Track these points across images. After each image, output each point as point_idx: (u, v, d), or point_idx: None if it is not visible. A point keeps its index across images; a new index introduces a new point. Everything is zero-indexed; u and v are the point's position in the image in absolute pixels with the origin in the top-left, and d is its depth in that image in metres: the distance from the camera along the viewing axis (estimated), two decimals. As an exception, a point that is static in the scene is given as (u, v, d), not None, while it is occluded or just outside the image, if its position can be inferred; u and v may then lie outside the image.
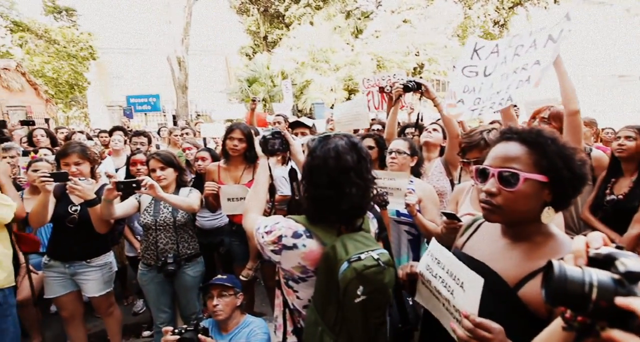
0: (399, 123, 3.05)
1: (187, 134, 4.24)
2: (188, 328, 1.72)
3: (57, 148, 3.71)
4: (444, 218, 1.65)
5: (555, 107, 2.31)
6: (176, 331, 1.70)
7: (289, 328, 1.24)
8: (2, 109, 10.77)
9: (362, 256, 1.05)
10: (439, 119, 3.16)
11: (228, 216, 2.71)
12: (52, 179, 2.15)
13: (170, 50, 13.64)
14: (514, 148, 0.99)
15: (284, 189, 2.54)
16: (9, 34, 14.19)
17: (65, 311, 2.60)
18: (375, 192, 1.27)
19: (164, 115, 12.87)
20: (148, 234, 2.40)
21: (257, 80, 16.59)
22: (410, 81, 2.56)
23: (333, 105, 16.95)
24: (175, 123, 9.38)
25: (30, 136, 4.39)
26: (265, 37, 22.88)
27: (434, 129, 2.83)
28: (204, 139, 4.85)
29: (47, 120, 10.05)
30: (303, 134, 3.15)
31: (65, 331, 2.83)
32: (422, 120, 2.89)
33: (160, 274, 2.37)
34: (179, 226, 2.41)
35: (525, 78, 1.89)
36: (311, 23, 19.61)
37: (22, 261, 2.76)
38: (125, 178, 3.21)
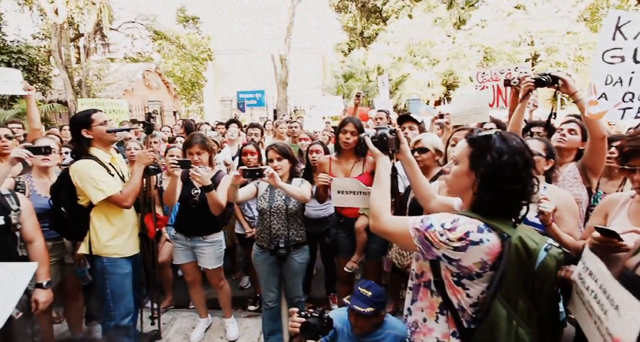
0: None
1: (295, 127, 4.51)
2: (314, 314, 1.74)
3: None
4: (596, 234, 1.42)
5: None
6: (303, 313, 1.74)
7: (449, 331, 1.20)
8: (144, 103, 13.18)
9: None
10: (569, 115, 2.72)
11: (336, 208, 2.79)
12: (178, 166, 2.49)
13: (274, 49, 14.73)
14: None
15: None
16: (151, 42, 17.33)
17: (188, 276, 3.04)
18: None
19: (266, 110, 14.08)
20: (263, 218, 2.61)
21: (353, 76, 16.78)
22: (545, 74, 2.23)
23: (428, 101, 16.13)
24: (275, 117, 10.14)
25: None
26: (361, 33, 22.91)
27: (571, 130, 2.40)
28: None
29: (174, 113, 11.88)
30: (411, 128, 3.06)
31: (189, 294, 3.32)
32: (555, 117, 2.51)
33: (272, 257, 2.57)
34: (291, 213, 2.57)
35: None
36: (410, 16, 18.89)
37: (165, 232, 3.33)
38: (237, 166, 3.56)
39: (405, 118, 3.21)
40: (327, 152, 3.19)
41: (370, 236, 2.69)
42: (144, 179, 2.51)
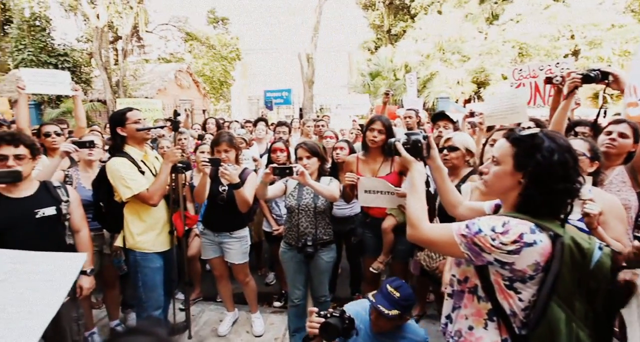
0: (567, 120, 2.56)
1: (322, 125, 4.52)
2: (334, 313, 1.64)
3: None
4: (637, 243, 1.35)
5: None
6: (322, 313, 1.67)
7: (500, 338, 1.16)
8: (176, 102, 13.72)
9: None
10: (616, 114, 2.54)
11: (363, 208, 2.77)
12: (209, 164, 2.51)
13: (300, 48, 14.81)
14: None
15: None
16: (183, 43, 18.02)
17: (216, 271, 3.11)
18: None
19: (292, 108, 14.22)
20: (291, 216, 2.63)
21: (380, 74, 16.57)
22: (594, 70, 2.10)
23: (458, 99, 15.66)
24: (301, 115, 10.22)
25: (204, 123, 5.44)
26: (388, 31, 22.59)
27: (622, 134, 2.16)
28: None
29: (204, 111, 12.27)
30: (445, 127, 2.98)
31: (217, 287, 3.40)
32: (604, 116, 2.35)
33: (299, 254, 2.58)
34: (319, 212, 2.57)
35: None
36: (439, 12, 18.40)
37: (194, 227, 3.43)
38: (266, 164, 3.61)
39: (440, 116, 3.13)
40: (352, 150, 3.17)
41: (397, 236, 2.65)
42: (173, 178, 2.53)
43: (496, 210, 1.43)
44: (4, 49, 14.37)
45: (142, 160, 2.52)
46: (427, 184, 1.52)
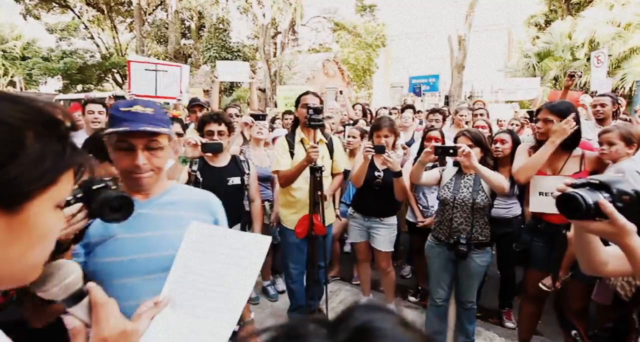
0: None
1: (481, 114, 4.02)
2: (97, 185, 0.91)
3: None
4: None
5: None
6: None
7: None
8: (321, 89, 14.78)
9: None
10: None
11: (535, 213, 2.31)
12: (373, 151, 2.48)
13: (452, 29, 13.52)
14: None
15: None
16: (331, 33, 19.11)
17: (360, 255, 3.16)
18: None
19: (438, 95, 13.29)
20: (444, 209, 2.42)
21: (551, 53, 13.68)
22: None
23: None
24: (447, 103, 9.43)
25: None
26: (567, -1, 18.35)
27: None
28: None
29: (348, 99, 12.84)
30: None
31: (356, 269, 3.49)
32: None
33: (450, 252, 2.37)
34: (477, 209, 2.29)
35: None
36: (654, -36, 13.73)
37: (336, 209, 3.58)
38: (417, 152, 3.42)
39: None
40: (516, 143, 2.70)
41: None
42: (311, 179, 2.43)
43: None
44: (198, 49, 18.23)
45: (301, 141, 2.72)
46: None
